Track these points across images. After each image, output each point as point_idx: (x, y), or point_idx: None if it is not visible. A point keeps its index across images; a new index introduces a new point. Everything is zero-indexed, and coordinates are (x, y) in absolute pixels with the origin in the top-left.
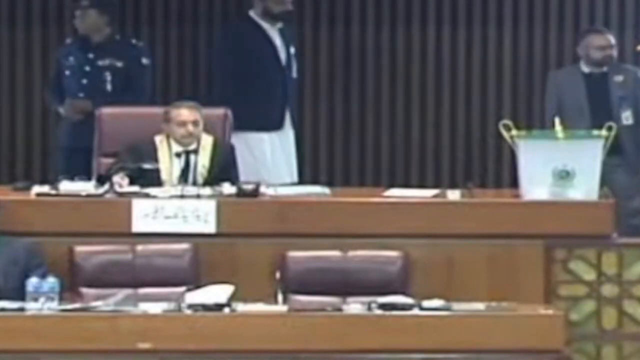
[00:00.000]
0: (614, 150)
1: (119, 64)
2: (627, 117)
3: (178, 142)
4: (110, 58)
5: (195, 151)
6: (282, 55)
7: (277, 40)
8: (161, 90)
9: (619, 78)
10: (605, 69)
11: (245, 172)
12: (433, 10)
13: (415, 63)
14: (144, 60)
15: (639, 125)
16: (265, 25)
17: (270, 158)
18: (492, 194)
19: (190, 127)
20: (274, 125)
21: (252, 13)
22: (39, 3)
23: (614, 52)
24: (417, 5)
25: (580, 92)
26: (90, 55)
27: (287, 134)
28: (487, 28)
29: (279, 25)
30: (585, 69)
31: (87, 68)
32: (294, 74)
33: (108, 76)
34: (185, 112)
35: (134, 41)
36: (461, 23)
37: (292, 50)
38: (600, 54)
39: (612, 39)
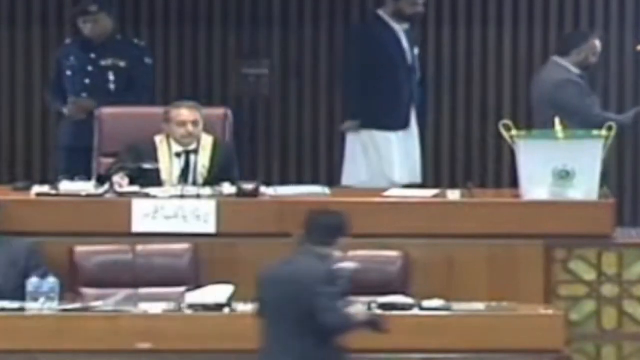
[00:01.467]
0: None
1: (122, 64)
2: None
3: (178, 142)
4: (113, 58)
5: (195, 151)
6: (409, 56)
7: (404, 41)
8: (161, 90)
9: None
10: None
11: (368, 171)
12: (433, 10)
13: None
14: (147, 60)
15: None
16: (395, 25)
17: (397, 157)
18: (492, 194)
19: (190, 127)
20: (401, 124)
21: (382, 12)
22: (39, 3)
23: None
24: None
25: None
26: (92, 56)
27: (412, 134)
28: (487, 28)
29: (406, 26)
30: (576, 70)
31: (90, 68)
32: (418, 75)
33: (111, 76)
34: (185, 112)
35: (135, 41)
36: (461, 23)
37: (417, 51)
38: (595, 59)
39: None
